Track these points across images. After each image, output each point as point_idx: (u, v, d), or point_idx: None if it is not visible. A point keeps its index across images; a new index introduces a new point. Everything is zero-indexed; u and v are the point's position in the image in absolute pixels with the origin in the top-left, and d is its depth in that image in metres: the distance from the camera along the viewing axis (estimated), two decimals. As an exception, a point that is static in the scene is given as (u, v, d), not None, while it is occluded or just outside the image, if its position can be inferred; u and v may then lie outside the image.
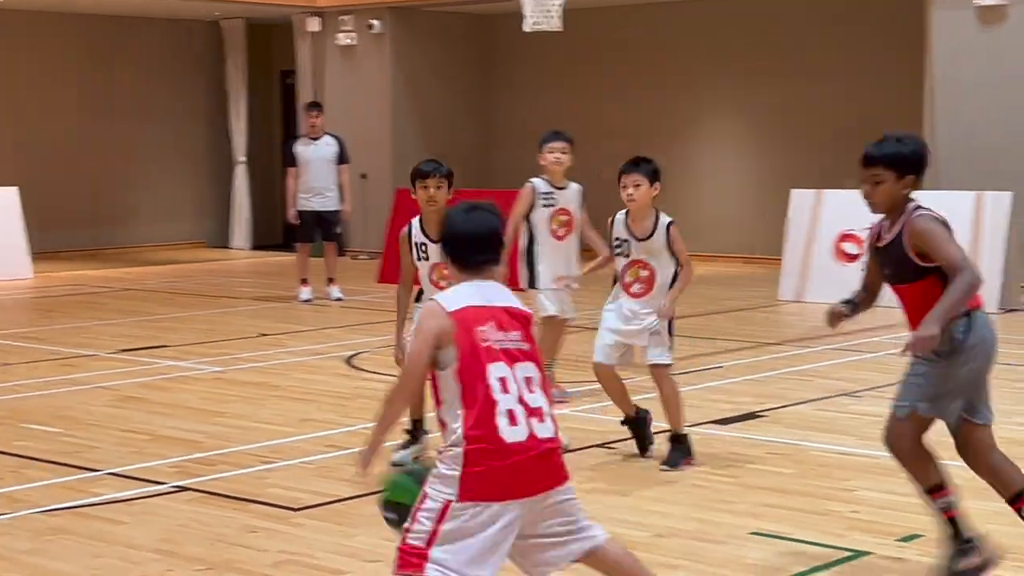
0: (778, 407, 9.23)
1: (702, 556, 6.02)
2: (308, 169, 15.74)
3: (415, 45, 21.19)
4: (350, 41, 21.26)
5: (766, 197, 19.17)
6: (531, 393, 4.45)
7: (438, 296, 4.61)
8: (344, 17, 21.20)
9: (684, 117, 20.59)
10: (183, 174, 23.46)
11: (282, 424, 8.99)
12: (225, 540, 6.34)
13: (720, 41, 20.15)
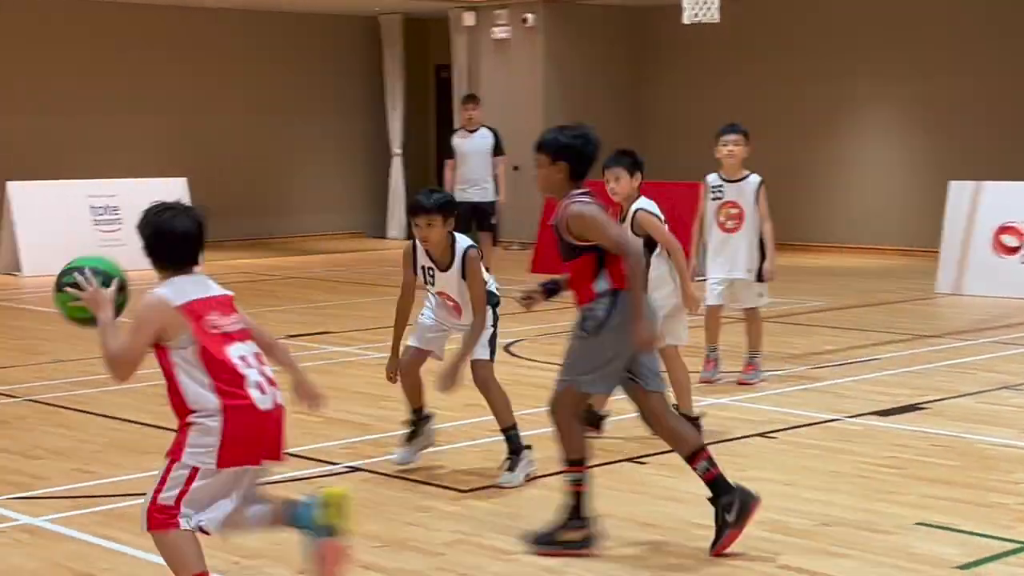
0: (939, 399, 9.09)
1: (868, 546, 5.95)
2: (465, 161, 15.85)
3: (568, 38, 21.20)
4: (504, 35, 21.33)
5: (923, 189, 18.86)
6: (263, 366, 4.95)
7: (160, 291, 4.90)
8: (499, 11, 21.28)
9: (840, 108, 20.32)
10: (341, 166, 23.74)
11: (446, 408, 9.01)
12: (399, 519, 6.42)
13: (877, 31, 19.85)
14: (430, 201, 7.32)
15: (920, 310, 13.95)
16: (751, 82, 20.84)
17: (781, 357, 10.99)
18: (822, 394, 9.45)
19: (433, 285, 7.60)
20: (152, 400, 9.29)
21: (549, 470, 7.25)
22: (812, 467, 7.39)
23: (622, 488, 6.96)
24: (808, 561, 5.74)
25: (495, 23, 21.39)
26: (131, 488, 6.99)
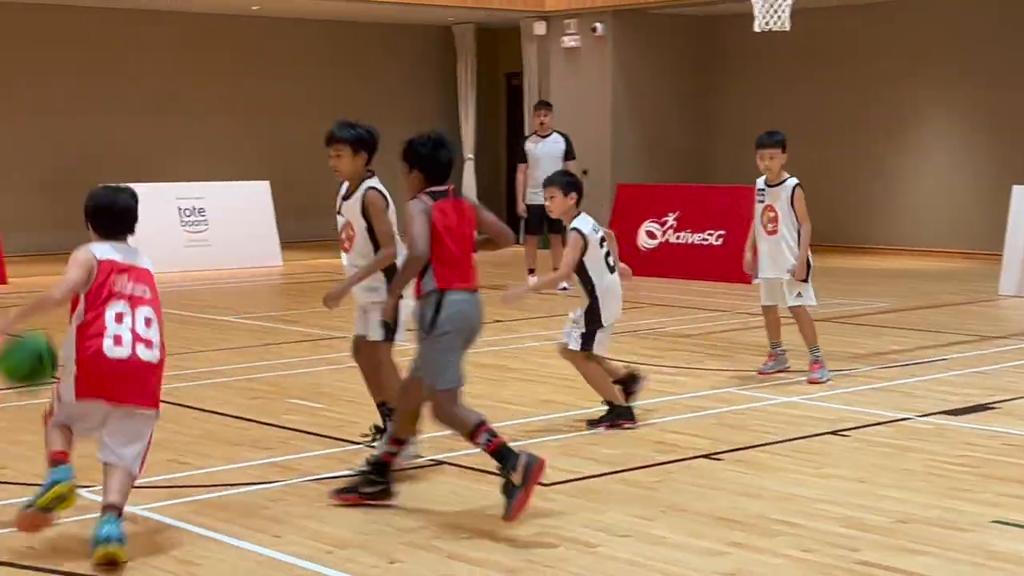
0: (1009, 399, 8.95)
1: (946, 543, 5.85)
2: (537, 165, 15.84)
3: (637, 47, 21.15)
4: (574, 44, 21.32)
5: (986, 192, 18.69)
6: (146, 328, 5.93)
7: (91, 245, 5.97)
8: (569, 21, 21.26)
9: (904, 114, 20.18)
10: (416, 170, 23.77)
11: (524, 404, 9.03)
12: (482, 511, 6.39)
13: (941, 38, 19.69)
14: (340, 132, 7.76)
15: (985, 312, 13.78)
16: (818, 89, 20.75)
17: (849, 357, 10.90)
18: (891, 393, 9.34)
19: (341, 215, 7.69)
20: (240, 394, 9.40)
21: (628, 465, 7.23)
22: (885, 465, 7.28)
23: (700, 484, 6.89)
24: (887, 557, 5.65)
25: (565, 32, 21.38)
26: (224, 479, 7.05)
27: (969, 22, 19.35)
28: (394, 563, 5.62)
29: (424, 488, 6.85)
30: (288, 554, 5.72)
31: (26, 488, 6.80)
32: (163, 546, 5.86)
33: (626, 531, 6.03)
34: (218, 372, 10.36)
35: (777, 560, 5.63)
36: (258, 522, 6.21)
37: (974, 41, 19.36)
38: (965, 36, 19.43)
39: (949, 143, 19.91)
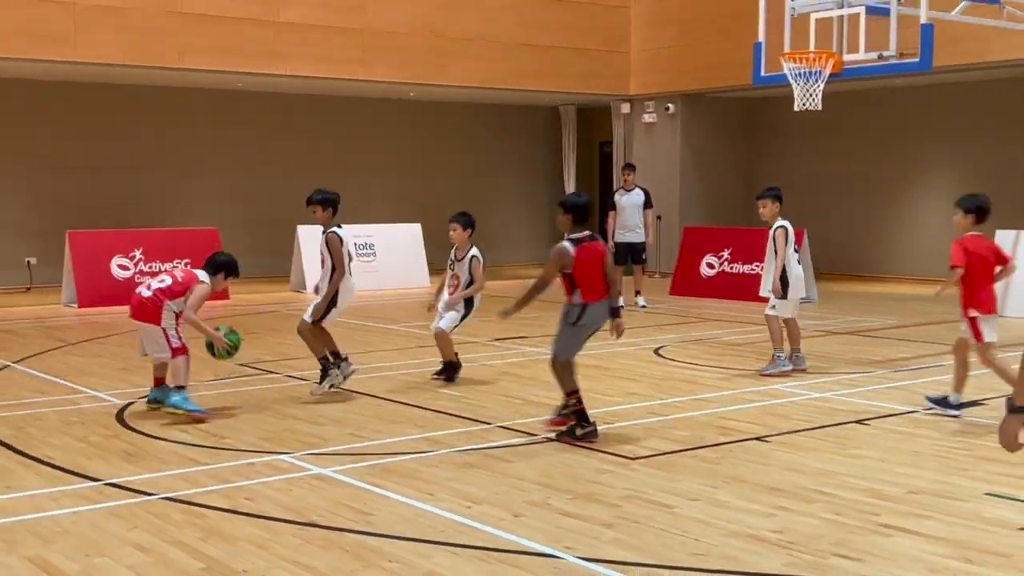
0: (994, 397, 8.67)
1: (947, 510, 5.70)
2: (623, 212, 15.76)
3: (700, 122, 21.01)
4: (651, 120, 21.22)
5: (974, 236, 18.25)
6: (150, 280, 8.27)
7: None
8: (648, 102, 21.18)
9: (908, 172, 19.84)
10: (530, 215, 23.86)
11: (614, 395, 8.98)
12: (584, 478, 6.35)
13: (936, 115, 19.38)
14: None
15: (973, 328, 13.43)
16: (842, 152, 20.51)
17: (867, 362, 10.68)
18: (901, 391, 9.13)
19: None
20: (400, 384, 9.46)
21: (696, 444, 7.15)
22: (899, 447, 7.12)
23: (753, 460, 6.79)
24: (901, 520, 5.52)
25: (645, 111, 21.30)
26: (389, 449, 7.08)
27: (958, 104, 18.96)
28: (518, 516, 5.60)
29: (540, 460, 6.82)
30: (437, 507, 5.74)
31: (242, 453, 6.91)
32: (344, 499, 5.90)
33: (696, 496, 5.96)
34: (384, 367, 10.44)
35: (815, 521, 5.52)
36: (415, 482, 6.23)
37: (963, 116, 18.98)
38: (956, 113, 19.05)
39: (944, 194, 19.42)
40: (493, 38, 19.36)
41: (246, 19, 16.91)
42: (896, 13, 10.52)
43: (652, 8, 20.77)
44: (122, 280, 15.92)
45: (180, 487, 6.15)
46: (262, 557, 5.00)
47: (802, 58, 11.04)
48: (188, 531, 5.37)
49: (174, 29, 16.36)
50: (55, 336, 12.62)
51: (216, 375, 9.88)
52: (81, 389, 9.20)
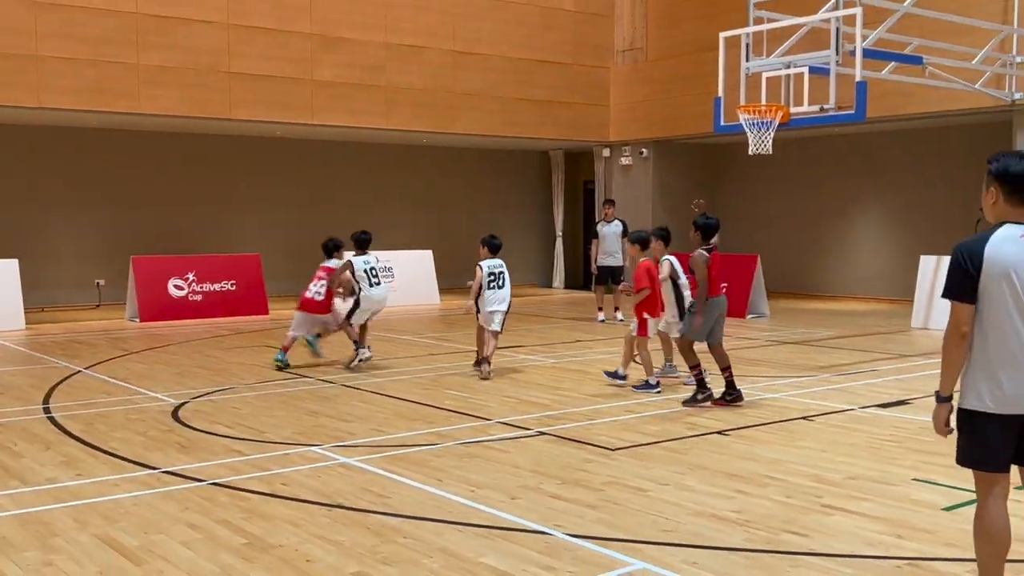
0: (920, 397, 8.67)
1: (880, 493, 5.67)
2: (605, 240, 15.73)
3: (670, 163, 20.99)
4: (628, 162, 21.19)
5: (903, 259, 18.24)
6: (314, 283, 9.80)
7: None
8: (625, 147, 21.17)
9: (848, 205, 19.81)
10: (526, 243, 23.80)
11: (598, 396, 8.94)
12: (571, 466, 6.30)
13: (870, 158, 19.34)
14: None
15: (901, 338, 13.40)
16: (790, 189, 20.48)
17: (812, 368, 10.62)
18: (842, 392, 9.08)
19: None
20: (415, 386, 9.41)
21: (666, 437, 7.11)
22: (839, 440, 7.08)
23: (715, 451, 6.75)
24: (842, 502, 5.48)
25: (622, 155, 21.28)
26: (405, 441, 7.04)
27: (886, 149, 18.97)
28: (514, 499, 5.56)
29: (533, 451, 6.78)
30: (446, 491, 5.70)
31: (279, 445, 6.88)
32: (366, 485, 5.86)
33: (666, 481, 5.92)
34: (401, 371, 10.39)
35: (768, 503, 5.48)
36: (427, 470, 6.19)
37: (891, 159, 18.98)
38: (885, 157, 19.05)
39: (878, 225, 19.47)
40: (494, 94, 19.38)
41: (285, 77, 16.93)
42: (835, 72, 10.53)
43: (628, 69, 20.82)
44: (178, 298, 15.89)
45: (226, 474, 6.10)
46: (295, 534, 4.96)
47: (755, 110, 11.04)
48: (232, 512, 5.33)
49: (224, 86, 16.40)
50: (119, 346, 12.58)
51: (258, 378, 9.83)
52: (141, 391, 9.16)
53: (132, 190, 18.57)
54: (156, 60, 15.74)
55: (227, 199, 19.60)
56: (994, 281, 3.62)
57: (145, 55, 15.65)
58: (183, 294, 15.96)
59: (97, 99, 15.38)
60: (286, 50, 16.90)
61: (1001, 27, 13.70)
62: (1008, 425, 3.66)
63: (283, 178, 20.20)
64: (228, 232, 19.55)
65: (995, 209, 3.74)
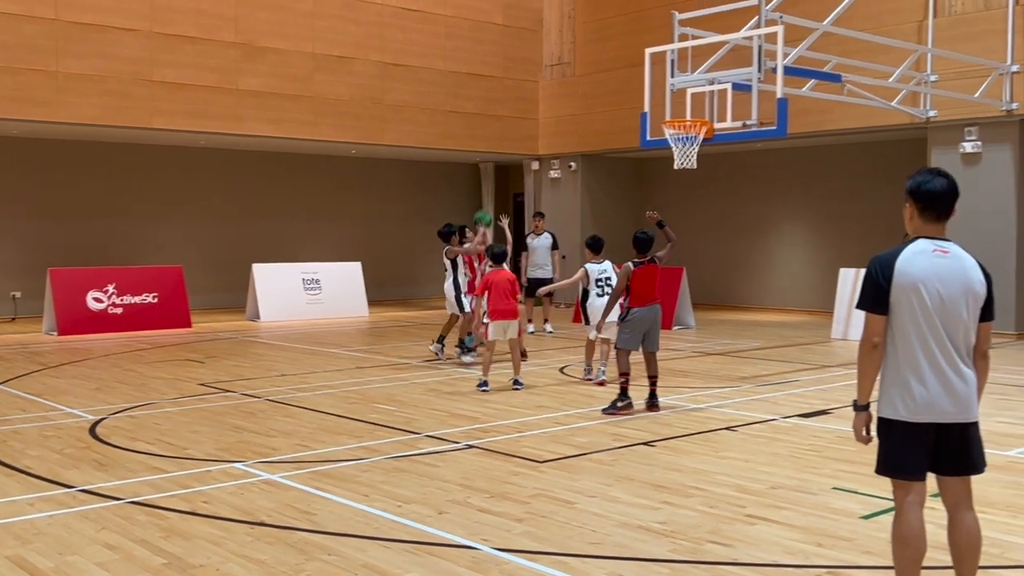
0: (840, 407, 8.86)
1: (801, 502, 5.76)
2: (534, 252, 15.81)
3: (598, 177, 21.19)
4: (557, 175, 21.33)
5: (823, 271, 18.68)
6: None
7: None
8: (554, 160, 21.30)
9: (769, 218, 20.20)
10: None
11: (526, 408, 8.94)
12: (499, 479, 6.28)
13: (792, 173, 19.75)
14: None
15: (822, 349, 13.69)
16: (713, 201, 20.81)
17: (736, 378, 10.79)
18: (764, 402, 9.23)
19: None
20: (341, 400, 9.30)
21: (594, 449, 7.14)
22: (761, 450, 7.19)
23: (641, 462, 6.80)
24: (764, 511, 5.56)
25: (551, 168, 21.41)
26: (331, 456, 6.95)
27: (807, 163, 19.42)
28: (442, 514, 5.52)
29: (462, 465, 6.74)
30: (372, 507, 5.63)
31: (201, 462, 6.73)
32: (290, 502, 5.77)
33: (593, 493, 5.94)
34: (328, 386, 10.26)
35: (693, 513, 5.54)
36: (353, 485, 6.12)
37: (812, 174, 19.42)
38: (805, 171, 19.49)
39: (799, 238, 19.91)
40: (424, 106, 19.35)
41: (209, 87, 16.66)
42: (757, 89, 10.74)
43: (557, 83, 20.98)
44: (97, 311, 15.48)
45: (145, 492, 5.95)
46: (217, 553, 4.85)
47: (680, 125, 11.19)
48: (151, 531, 5.19)
49: (145, 95, 16.07)
50: (36, 360, 12.20)
51: (180, 393, 9.63)
52: (58, 407, 8.88)
53: (50, 200, 18.08)
54: (76, 68, 15.36)
55: (149, 210, 19.20)
56: (904, 293, 3.73)
57: (64, 63, 15.27)
58: (103, 307, 15.55)
59: (14, 107, 14.97)
60: (210, 59, 16.64)
61: (916, 47, 14.14)
62: (922, 433, 3.76)
63: (206, 189, 19.87)
64: (150, 244, 19.14)
65: (911, 224, 3.86)
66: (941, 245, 3.78)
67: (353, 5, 18.29)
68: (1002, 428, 7.85)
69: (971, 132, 14.89)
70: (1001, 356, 12.47)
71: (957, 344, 3.73)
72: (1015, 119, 14.52)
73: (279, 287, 17.73)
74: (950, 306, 3.72)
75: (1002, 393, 9.57)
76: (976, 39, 14.67)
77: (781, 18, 11.04)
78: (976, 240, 14.07)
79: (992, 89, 14.35)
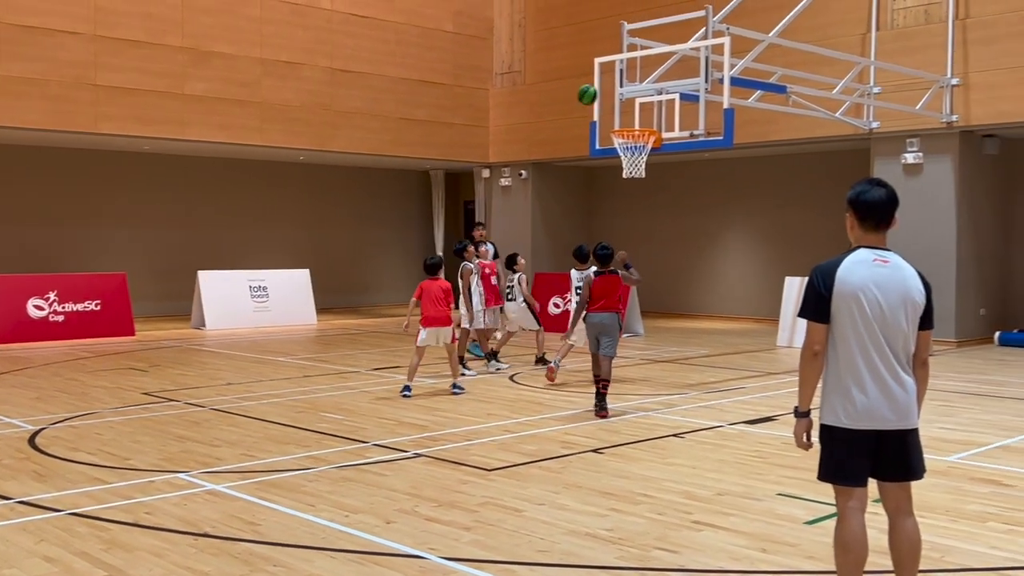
0: (785, 414, 8.96)
1: (747, 508, 5.82)
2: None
3: (548, 185, 21.25)
4: (507, 183, 21.35)
5: (769, 280, 18.91)
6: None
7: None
8: (504, 168, 21.33)
9: (717, 227, 20.41)
10: (405, 261, 23.71)
11: (476, 416, 8.92)
12: (448, 488, 6.26)
13: (739, 183, 19.99)
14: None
15: (768, 356, 13.86)
16: (662, 210, 20.97)
17: (684, 385, 10.87)
18: (711, 409, 9.32)
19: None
20: (288, 409, 9.20)
21: (542, 456, 7.15)
22: (708, 456, 7.25)
23: (589, 469, 6.82)
24: (710, 518, 5.61)
25: (502, 176, 21.44)
26: (277, 466, 6.87)
27: (753, 173, 19.67)
28: (389, 523, 5.49)
29: (410, 474, 6.71)
30: (319, 517, 5.58)
31: (144, 472, 6.62)
32: (235, 512, 5.69)
33: (542, 501, 5.94)
34: (274, 395, 10.15)
35: (640, 520, 5.56)
36: (299, 495, 6.05)
37: (758, 183, 19.67)
38: (751, 181, 19.74)
39: (745, 246, 20.15)
40: (374, 113, 19.26)
41: (155, 91, 16.43)
42: (704, 100, 10.86)
43: (507, 91, 21.03)
44: (37, 319, 15.16)
45: (85, 504, 5.83)
46: (159, 564, 4.76)
47: (629, 135, 11.27)
48: (92, 543, 5.09)
49: (90, 99, 15.79)
50: (-26, 369, 11.91)
51: (123, 402, 9.46)
52: (-4, 417, 8.68)
53: (-11, 205, 17.67)
54: (17, 71, 15.05)
55: (92, 216, 18.86)
56: (845, 302, 3.79)
57: (5, 65, 14.95)
58: (43, 314, 15.23)
59: (-50, 110, 14.62)
60: (156, 63, 16.41)
61: (859, 59, 14.42)
62: (862, 440, 3.82)
63: (152, 194, 19.58)
64: (93, 250, 18.80)
65: (852, 234, 3.93)
66: (881, 255, 3.85)
67: (302, 11, 18.17)
68: (943, 434, 8.02)
69: (913, 143, 15.21)
70: (942, 364, 12.73)
71: (897, 352, 3.80)
72: (955, 131, 14.86)
73: (225, 294, 17.51)
74: (890, 315, 3.79)
75: (943, 400, 9.77)
76: (917, 52, 15.00)
77: (728, 29, 11.19)
78: (917, 249, 14.39)
79: (933, 101, 14.69)
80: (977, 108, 14.57)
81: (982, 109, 14.53)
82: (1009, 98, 14.26)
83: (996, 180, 15.77)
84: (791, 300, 15.12)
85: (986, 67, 14.48)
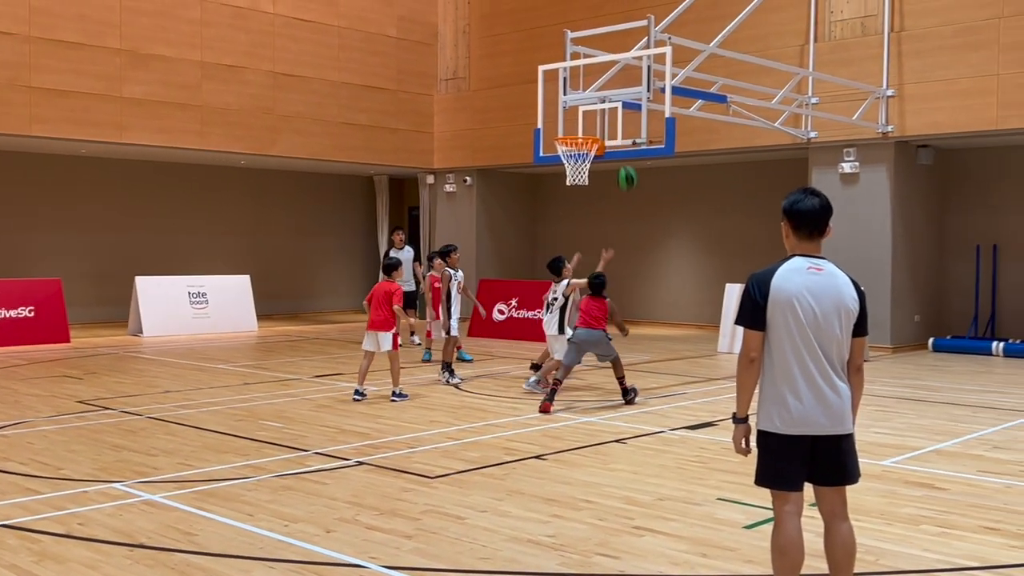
0: (725, 419, 9.07)
1: (688, 513, 5.88)
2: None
3: (493, 191, 21.26)
4: (452, 189, 21.32)
5: (710, 286, 19.13)
6: None
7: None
8: (449, 174, 21.31)
9: (660, 235, 20.58)
10: (349, 267, 23.54)
11: (418, 423, 8.89)
12: (390, 496, 6.23)
13: (680, 191, 20.19)
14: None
15: (709, 362, 14.02)
16: (605, 218, 21.09)
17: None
18: (653, 415, 9.39)
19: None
20: (227, 417, 9.08)
21: (485, 463, 7.15)
22: (650, 462, 7.31)
23: (532, 476, 6.83)
24: (651, 523, 5.65)
25: (446, 182, 21.41)
26: (215, 475, 6.78)
27: (694, 181, 19.90)
28: (330, 532, 5.44)
29: (351, 482, 6.66)
30: (257, 527, 5.51)
31: (77, 483, 6.47)
32: (172, 522, 5.60)
33: (484, 508, 5.94)
34: (213, 403, 10.01)
35: (582, 526, 5.59)
36: (237, 505, 5.98)
37: (699, 191, 19.90)
38: (693, 189, 19.96)
39: (688, 254, 20.37)
40: (317, 117, 19.12)
41: (91, 94, 16.12)
42: (647, 108, 10.97)
43: (452, 97, 21.03)
44: (-32, 326, 14.77)
45: (16, 515, 5.68)
46: (92, 578, 4.67)
47: (572, 142, 11.34)
48: (22, 555, 4.96)
49: (23, 101, 15.44)
50: (-101, 378, 11.55)
51: (57, 410, 9.25)
52: (-78, 427, 8.43)
53: (-84, 209, 17.17)
54: (-55, 70, 14.66)
55: (26, 220, 18.43)
56: (780, 309, 3.86)
57: (-67, 64, 14.55)
58: (-27, 321, 14.84)
59: None
60: (92, 65, 16.10)
61: (798, 70, 14.68)
62: (798, 445, 3.89)
63: (88, 198, 19.19)
64: (26, 255, 18.36)
65: (788, 242, 4.01)
66: (816, 263, 3.93)
67: (243, 14, 17.97)
68: (878, 439, 8.18)
69: (850, 153, 15.53)
70: (877, 370, 13.00)
71: (831, 358, 3.88)
72: (890, 141, 15.21)
73: (163, 300, 17.22)
74: (823, 322, 3.86)
75: (878, 405, 9.97)
76: (854, 64, 15.33)
77: (670, 39, 11.32)
78: (854, 257, 14.69)
79: (869, 112, 15.01)
80: (912, 119, 14.93)
81: (917, 120, 14.89)
82: (943, 109, 14.63)
83: (930, 189, 16.16)
84: (731, 307, 15.30)
85: (921, 79, 14.85)
